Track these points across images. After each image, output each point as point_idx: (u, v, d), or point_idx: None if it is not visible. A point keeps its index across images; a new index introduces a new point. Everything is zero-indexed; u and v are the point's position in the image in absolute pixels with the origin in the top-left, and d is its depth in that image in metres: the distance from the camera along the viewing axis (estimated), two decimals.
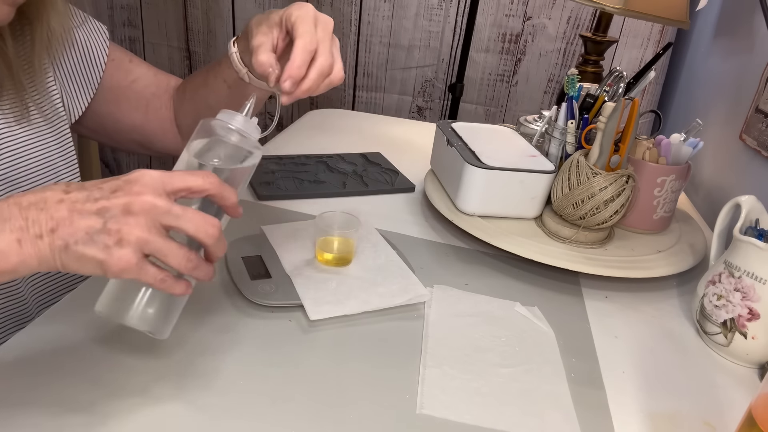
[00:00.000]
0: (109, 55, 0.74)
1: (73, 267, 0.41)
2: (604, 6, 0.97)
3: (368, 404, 0.52)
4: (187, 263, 0.44)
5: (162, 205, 0.42)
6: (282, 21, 0.57)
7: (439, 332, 0.62)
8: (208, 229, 0.44)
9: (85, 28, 0.72)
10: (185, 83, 0.78)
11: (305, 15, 0.55)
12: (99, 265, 0.41)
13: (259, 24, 0.58)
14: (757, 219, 0.68)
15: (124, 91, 0.76)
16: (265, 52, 0.56)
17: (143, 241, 0.41)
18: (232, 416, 0.49)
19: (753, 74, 0.94)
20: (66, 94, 0.71)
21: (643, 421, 0.55)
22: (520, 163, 0.82)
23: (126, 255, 0.41)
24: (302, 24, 0.55)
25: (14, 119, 0.64)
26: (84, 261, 0.41)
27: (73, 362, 0.53)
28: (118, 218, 0.41)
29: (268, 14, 0.59)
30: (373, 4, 1.51)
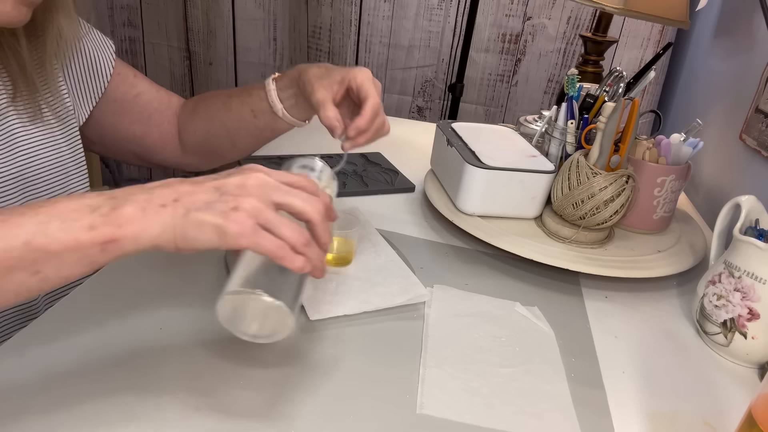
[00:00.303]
0: (115, 69, 0.76)
1: (191, 234, 0.43)
2: (604, 6, 0.97)
3: (368, 404, 0.52)
4: (299, 236, 0.44)
5: (272, 182, 0.46)
6: (345, 80, 0.65)
7: (439, 332, 0.62)
8: (315, 205, 0.46)
9: (91, 38, 0.75)
10: (196, 102, 0.81)
11: (369, 79, 0.65)
12: (216, 230, 0.43)
13: (319, 78, 0.66)
14: (757, 219, 0.68)
15: (128, 104, 0.78)
16: (331, 108, 0.64)
17: (257, 209, 0.43)
18: (232, 416, 0.49)
19: (753, 74, 0.94)
20: (73, 99, 0.73)
21: (643, 421, 0.55)
22: (520, 163, 0.82)
23: (242, 218, 0.43)
24: (369, 88, 0.64)
25: (28, 119, 0.66)
26: (203, 227, 0.43)
27: (73, 361, 0.53)
28: (234, 191, 0.44)
29: (327, 71, 0.67)
30: (373, 4, 1.51)
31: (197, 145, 0.81)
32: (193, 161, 0.85)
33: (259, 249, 0.43)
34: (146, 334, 0.57)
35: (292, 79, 0.70)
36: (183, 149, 0.83)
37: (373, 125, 0.65)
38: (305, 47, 1.63)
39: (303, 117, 0.74)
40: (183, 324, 0.59)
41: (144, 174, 2.00)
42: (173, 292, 0.63)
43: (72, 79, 0.72)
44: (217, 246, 0.43)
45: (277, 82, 0.72)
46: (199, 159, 0.84)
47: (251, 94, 0.74)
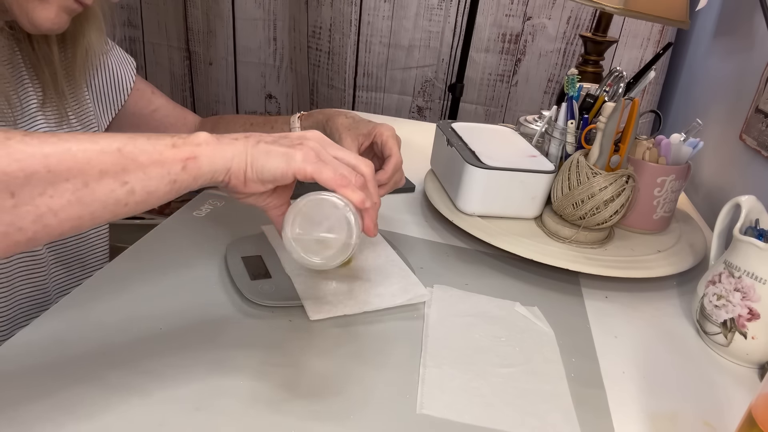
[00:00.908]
0: (134, 85, 0.81)
1: (261, 160, 0.48)
2: (604, 6, 0.97)
3: (368, 404, 0.52)
4: (357, 177, 0.51)
5: (328, 139, 0.52)
6: (371, 135, 0.70)
7: (439, 332, 0.62)
8: (366, 163, 0.52)
9: (113, 54, 0.79)
10: (215, 124, 0.85)
11: (393, 136, 0.69)
12: (284, 156, 0.48)
13: (348, 130, 0.70)
14: (757, 219, 0.68)
15: (145, 119, 0.83)
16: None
17: (318, 148, 0.49)
18: (232, 416, 0.49)
19: (753, 74, 0.94)
20: (95, 108, 0.77)
21: (643, 421, 0.55)
22: (520, 163, 0.82)
23: (307, 150, 0.48)
24: (393, 145, 0.69)
25: (55, 124, 0.69)
26: (271, 154, 0.48)
27: (72, 360, 0.53)
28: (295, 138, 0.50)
29: (355, 123, 0.72)
30: (373, 4, 1.51)
31: None
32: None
33: (322, 176, 0.48)
34: (146, 335, 0.57)
35: (319, 122, 0.74)
36: None
37: (392, 180, 0.69)
38: (305, 47, 1.63)
39: None
40: (183, 324, 0.59)
41: None
42: (173, 292, 0.63)
43: (95, 90, 0.77)
44: (284, 172, 0.48)
45: (302, 121, 0.76)
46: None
47: (273, 127, 0.78)
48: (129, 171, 0.43)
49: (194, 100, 1.81)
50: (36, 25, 0.58)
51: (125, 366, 0.53)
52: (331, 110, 0.74)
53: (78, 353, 0.53)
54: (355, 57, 1.57)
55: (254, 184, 0.49)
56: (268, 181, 0.49)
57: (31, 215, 0.40)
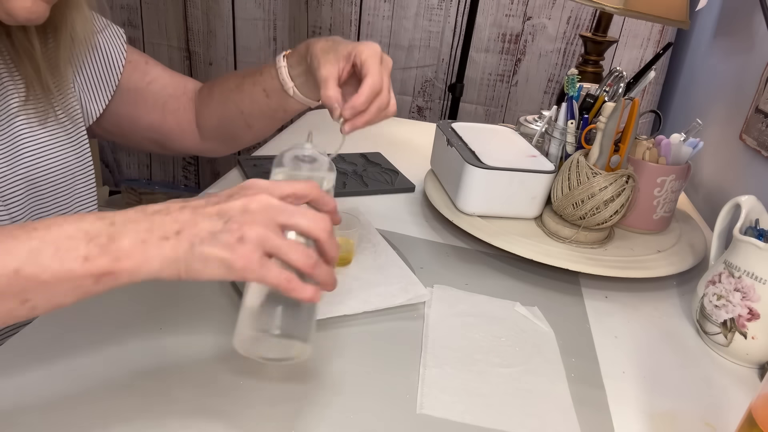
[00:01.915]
0: (126, 58, 0.75)
1: (196, 268, 0.41)
2: (604, 6, 0.97)
3: (368, 404, 0.52)
4: (307, 259, 0.43)
5: (277, 204, 0.43)
6: (351, 56, 0.61)
7: (439, 332, 0.62)
8: (321, 223, 0.44)
9: (106, 33, 0.74)
10: (211, 86, 0.80)
11: (374, 54, 0.61)
12: (223, 264, 0.41)
13: (326, 53, 0.62)
14: (757, 219, 0.68)
15: (141, 93, 0.77)
16: (333, 87, 0.61)
17: (263, 237, 0.42)
18: (232, 416, 0.49)
19: (753, 74, 0.94)
20: (84, 97, 0.73)
21: (643, 421, 0.55)
22: (520, 163, 0.82)
23: (248, 251, 0.41)
24: (372, 64, 0.60)
25: (38, 122, 0.65)
26: (208, 261, 0.41)
27: (71, 362, 0.53)
28: (238, 217, 0.42)
29: (335, 44, 0.63)
30: (373, 4, 1.51)
31: (214, 130, 0.80)
32: (212, 146, 0.84)
33: (266, 282, 0.42)
34: (146, 336, 0.57)
35: (301, 54, 0.67)
36: (201, 135, 0.82)
37: (373, 105, 0.60)
38: None
39: (316, 96, 0.69)
40: (183, 324, 0.59)
41: (144, 174, 2.00)
42: (173, 293, 0.63)
43: (85, 75, 0.72)
44: (223, 278, 0.42)
45: (288, 59, 0.69)
46: (217, 144, 0.83)
47: (263, 74, 0.72)
48: (30, 290, 0.39)
49: None
50: (12, 15, 0.53)
51: (125, 366, 0.53)
52: (312, 39, 0.67)
53: (77, 354, 0.53)
54: None
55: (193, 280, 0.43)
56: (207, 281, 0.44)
57: None
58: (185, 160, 1.95)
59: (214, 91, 0.79)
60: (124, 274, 0.41)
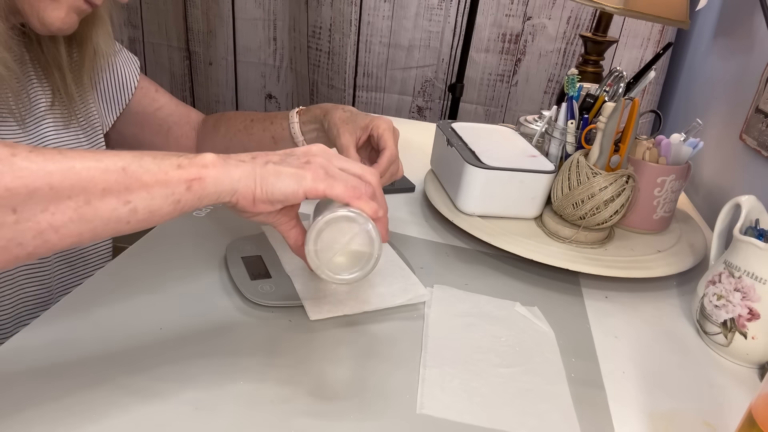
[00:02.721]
0: (138, 84, 0.81)
1: (270, 181, 0.48)
2: (604, 6, 0.97)
3: (368, 404, 0.52)
4: (366, 187, 0.51)
5: (333, 152, 0.52)
6: (368, 128, 0.71)
7: (439, 332, 0.62)
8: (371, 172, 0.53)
9: (121, 56, 0.80)
10: (217, 121, 0.85)
11: (389, 128, 0.71)
12: (295, 176, 0.48)
13: (345, 123, 0.71)
14: (757, 219, 0.68)
15: (148, 117, 0.83)
16: (354, 154, 0.69)
17: (325, 164, 0.50)
18: (232, 416, 0.49)
19: (753, 74, 0.94)
20: (99, 108, 0.78)
21: (643, 421, 0.55)
22: (520, 163, 0.82)
23: (315, 167, 0.49)
24: (389, 138, 0.70)
25: (63, 125, 0.71)
26: (281, 174, 0.48)
27: (72, 360, 0.53)
28: (301, 154, 0.51)
29: (353, 116, 0.72)
30: (373, 4, 1.51)
31: None
32: None
33: (333, 191, 0.49)
34: (146, 334, 0.57)
35: (316, 117, 0.75)
36: None
37: (388, 173, 0.70)
38: (305, 47, 1.63)
39: None
40: (183, 324, 0.59)
41: None
42: (173, 292, 0.63)
43: (100, 90, 0.78)
44: (294, 192, 0.48)
45: (301, 115, 0.77)
46: None
47: (273, 123, 0.79)
48: (132, 190, 0.43)
49: (194, 100, 1.81)
50: (46, 25, 0.58)
51: (125, 366, 0.53)
52: (328, 105, 0.75)
53: (78, 353, 0.53)
54: (355, 57, 1.56)
55: (263, 205, 0.49)
56: (278, 202, 0.49)
57: (32, 231, 0.40)
58: None
59: (219, 127, 0.84)
60: (210, 181, 0.46)
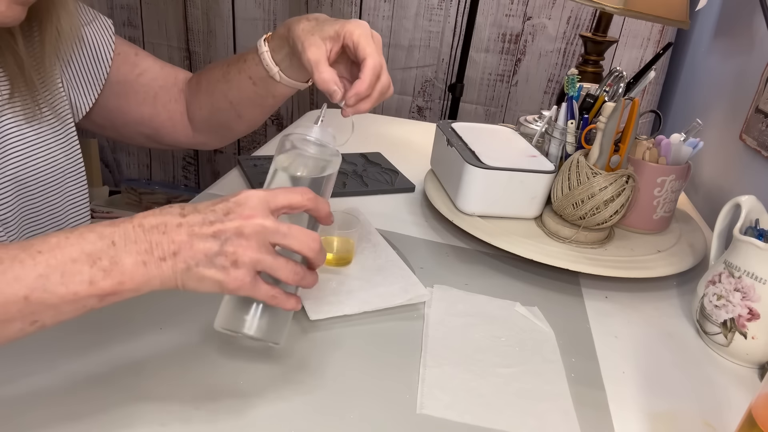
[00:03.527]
0: (115, 50, 0.74)
1: (191, 286, 0.45)
2: (604, 6, 0.97)
3: (368, 404, 0.52)
4: (294, 276, 0.48)
5: (270, 226, 0.46)
6: (340, 36, 0.59)
7: (439, 332, 0.62)
8: (311, 244, 0.48)
9: (93, 25, 0.72)
10: (199, 77, 0.78)
11: (366, 34, 0.59)
12: (217, 284, 0.45)
13: (310, 33, 0.60)
14: (757, 219, 0.68)
15: (131, 85, 0.76)
16: (326, 69, 0.59)
17: (256, 260, 0.45)
18: (232, 416, 0.49)
19: (753, 74, 0.94)
20: (73, 91, 0.71)
21: (643, 421, 0.55)
22: (520, 163, 0.82)
23: (241, 275, 0.45)
24: (367, 44, 0.59)
25: (24, 119, 0.64)
26: (204, 281, 0.45)
27: (72, 361, 0.53)
28: (233, 241, 0.45)
29: (318, 24, 0.61)
30: (373, 4, 1.51)
31: (205, 122, 0.79)
32: (204, 139, 0.82)
33: (255, 297, 0.47)
34: (146, 335, 0.57)
35: (282, 37, 0.64)
36: (193, 128, 0.80)
37: (375, 89, 0.59)
38: None
39: (302, 78, 0.68)
40: (183, 324, 0.59)
41: (144, 174, 2.00)
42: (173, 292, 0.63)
43: (72, 70, 0.71)
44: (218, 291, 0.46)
45: (269, 42, 0.67)
46: (210, 136, 0.82)
47: (246, 61, 0.69)
48: (38, 313, 0.42)
49: None
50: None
51: (124, 366, 0.53)
52: (292, 19, 0.64)
53: (77, 353, 0.53)
54: None
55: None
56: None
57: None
58: (185, 159, 1.95)
59: (201, 83, 0.77)
60: (126, 293, 0.44)
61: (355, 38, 0.59)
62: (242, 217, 0.45)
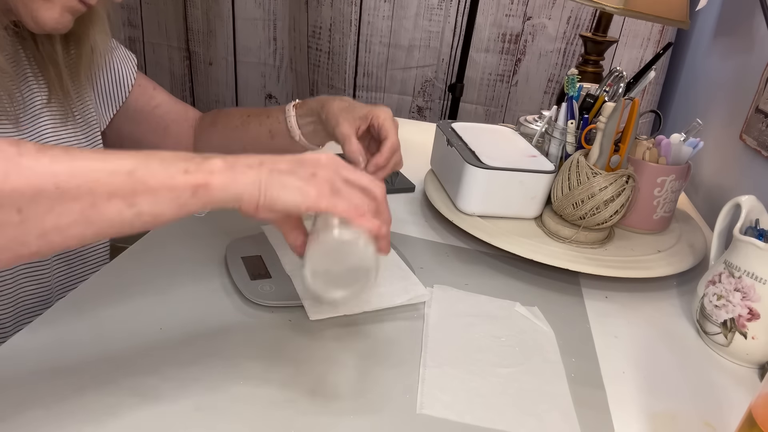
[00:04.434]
0: (136, 81, 0.81)
1: (275, 193, 0.46)
2: (604, 6, 0.97)
3: (368, 404, 0.52)
4: (369, 203, 0.50)
5: (342, 162, 0.50)
6: (368, 118, 0.69)
7: (439, 332, 0.62)
8: (378, 183, 0.52)
9: (117, 53, 0.79)
10: (214, 118, 0.84)
11: (390, 117, 0.69)
12: (299, 190, 0.47)
13: (343, 112, 0.69)
14: (757, 219, 0.68)
15: (146, 115, 0.83)
16: (356, 143, 0.67)
17: (332, 178, 0.48)
18: (232, 416, 0.49)
19: (753, 74, 0.94)
20: (96, 106, 0.77)
21: (643, 421, 0.55)
22: (520, 163, 0.82)
23: (320, 182, 0.47)
24: (390, 127, 0.69)
25: (60, 122, 0.70)
26: (286, 187, 0.47)
27: (72, 360, 0.53)
28: (309, 164, 0.49)
29: (350, 105, 0.70)
30: (373, 4, 1.51)
31: None
32: None
33: (336, 209, 0.48)
34: (146, 334, 0.57)
35: (313, 109, 0.74)
36: None
37: (390, 162, 0.68)
38: (305, 47, 1.63)
39: (318, 143, 0.77)
40: (183, 324, 0.59)
41: None
42: (173, 292, 0.63)
43: (98, 87, 0.77)
44: (297, 206, 0.47)
45: (297, 108, 0.75)
46: None
47: (270, 116, 0.78)
48: (138, 193, 0.43)
49: (194, 100, 1.81)
50: (40, 25, 0.58)
51: (124, 366, 0.53)
52: (325, 96, 0.74)
53: (78, 353, 0.54)
54: (355, 57, 1.56)
55: (265, 213, 0.48)
56: (279, 212, 0.49)
57: (37, 231, 0.40)
58: None
59: (217, 125, 0.83)
60: (216, 187, 0.45)
61: (381, 121, 0.69)
62: (317, 153, 0.50)
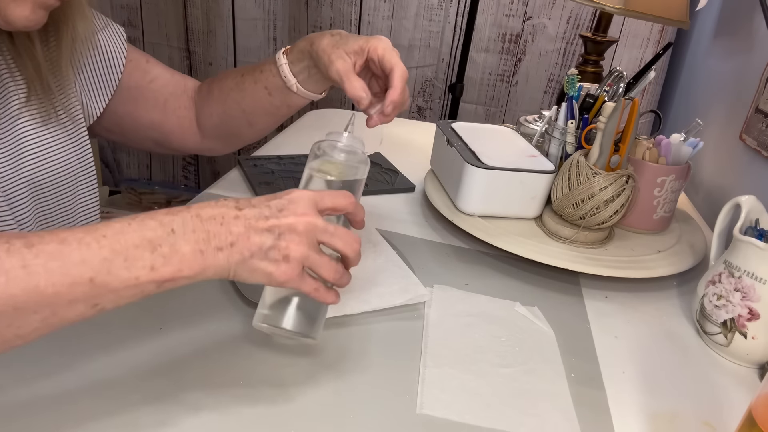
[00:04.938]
0: (127, 57, 0.75)
1: (243, 276, 0.47)
2: (604, 6, 0.97)
3: (368, 404, 0.52)
4: (335, 274, 0.50)
5: (320, 225, 0.49)
6: (364, 51, 0.63)
7: (439, 332, 0.62)
8: (353, 245, 0.51)
9: (106, 32, 0.74)
10: (210, 85, 0.80)
11: (389, 47, 0.63)
12: (267, 276, 0.47)
13: (335, 47, 0.64)
14: (757, 219, 0.68)
15: (142, 91, 0.77)
16: (356, 78, 0.63)
17: (305, 256, 0.48)
18: (232, 417, 0.49)
19: (753, 74, 0.94)
20: (85, 96, 0.72)
21: (643, 421, 0.55)
22: (520, 163, 0.82)
23: (291, 268, 0.47)
24: (392, 56, 0.63)
25: (41, 122, 0.65)
26: (255, 272, 0.47)
27: (72, 360, 0.53)
28: (286, 236, 0.47)
29: (342, 39, 0.64)
30: (373, 4, 1.51)
31: (215, 129, 0.80)
32: (213, 145, 0.83)
33: (301, 289, 0.49)
34: (146, 334, 0.57)
35: (303, 51, 0.68)
36: (202, 134, 0.81)
37: (406, 94, 0.63)
38: None
39: (319, 89, 0.72)
40: (183, 324, 0.59)
41: (144, 174, 2.00)
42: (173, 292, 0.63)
43: (85, 75, 0.72)
44: (265, 283, 0.48)
45: (288, 55, 0.70)
46: (218, 143, 0.83)
47: (263, 71, 0.73)
48: (100, 296, 0.42)
49: None
50: (10, 23, 0.54)
51: (124, 366, 0.53)
52: (314, 34, 0.68)
53: (76, 353, 0.53)
54: None
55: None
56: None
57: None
58: (185, 160, 1.95)
59: (213, 90, 0.78)
60: (182, 281, 0.45)
61: (380, 52, 0.63)
62: (296, 215, 0.48)
